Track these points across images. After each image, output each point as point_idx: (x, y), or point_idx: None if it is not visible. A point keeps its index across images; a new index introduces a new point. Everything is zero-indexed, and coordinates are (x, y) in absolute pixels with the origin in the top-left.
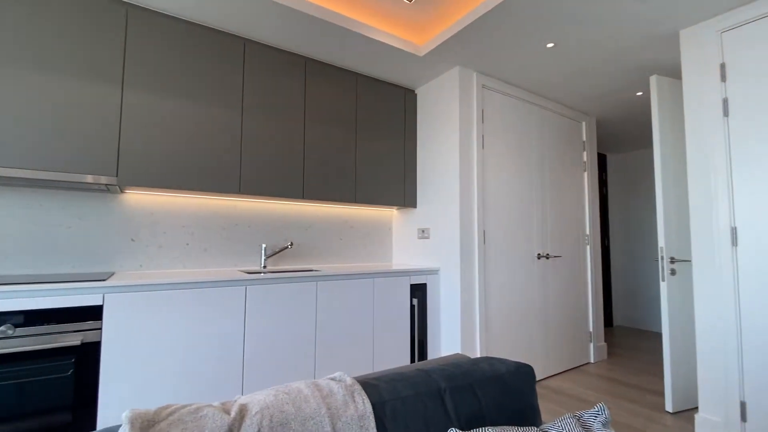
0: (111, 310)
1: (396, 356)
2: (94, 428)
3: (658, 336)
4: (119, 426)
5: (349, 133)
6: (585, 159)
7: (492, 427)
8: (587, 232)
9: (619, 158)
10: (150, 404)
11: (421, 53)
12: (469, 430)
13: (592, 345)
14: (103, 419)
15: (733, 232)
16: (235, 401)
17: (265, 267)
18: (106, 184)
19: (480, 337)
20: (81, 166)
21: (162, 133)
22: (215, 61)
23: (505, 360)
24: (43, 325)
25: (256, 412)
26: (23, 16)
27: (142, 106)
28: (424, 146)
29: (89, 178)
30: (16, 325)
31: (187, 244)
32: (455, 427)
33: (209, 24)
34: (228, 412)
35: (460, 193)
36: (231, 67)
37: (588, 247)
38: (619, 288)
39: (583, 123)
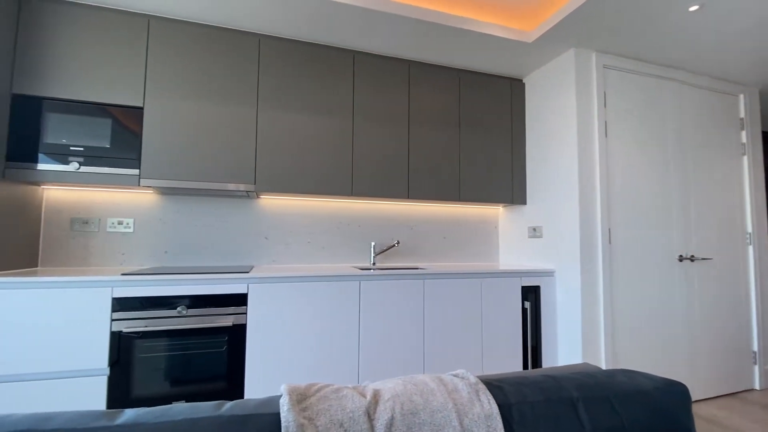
0: (253, 297)
1: (507, 360)
2: (242, 395)
3: None
4: (278, 396)
5: (452, 130)
6: (744, 140)
7: None
8: (749, 230)
9: None
10: (283, 381)
11: (531, 39)
12: None
13: (757, 368)
14: (249, 389)
15: None
16: (366, 386)
17: (374, 264)
18: (246, 191)
19: (605, 348)
20: (227, 177)
21: (287, 144)
22: (330, 75)
23: (650, 375)
24: (205, 308)
25: (388, 398)
26: (184, 59)
27: (271, 122)
28: (535, 138)
29: (231, 186)
30: (188, 307)
31: (309, 242)
32: None
33: (324, 42)
34: (363, 395)
35: (579, 187)
36: (343, 79)
37: (750, 247)
38: None
39: (741, 96)
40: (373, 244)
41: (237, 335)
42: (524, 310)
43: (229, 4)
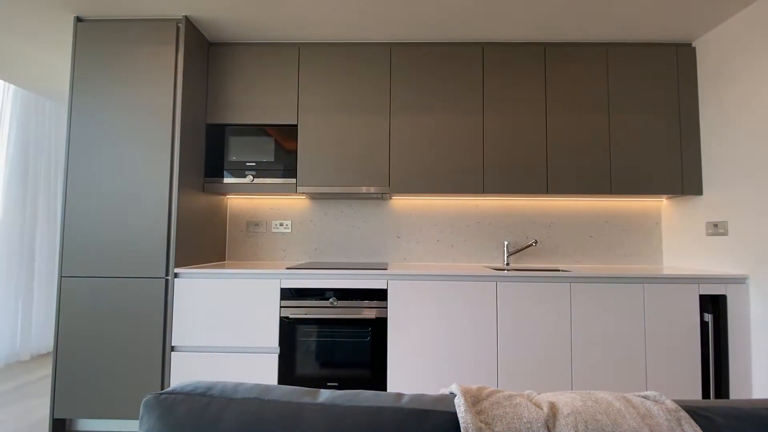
0: (393, 293)
1: (679, 384)
2: (385, 384)
3: None
4: (449, 395)
5: (599, 114)
6: None
7: None
8: None
9: None
10: (421, 376)
11: None
12: None
13: None
14: (391, 379)
15: None
16: (537, 396)
17: (508, 264)
18: (381, 193)
19: None
20: (363, 181)
21: (417, 146)
22: (458, 72)
23: None
24: (351, 300)
25: (568, 413)
26: (327, 77)
27: (402, 126)
28: (712, 115)
29: (364, 189)
30: (338, 299)
31: (438, 241)
32: None
33: (451, 39)
34: (539, 406)
35: None
36: (471, 74)
37: None
38: None
39: None
40: (506, 242)
41: (379, 328)
42: (704, 324)
43: (364, 20)
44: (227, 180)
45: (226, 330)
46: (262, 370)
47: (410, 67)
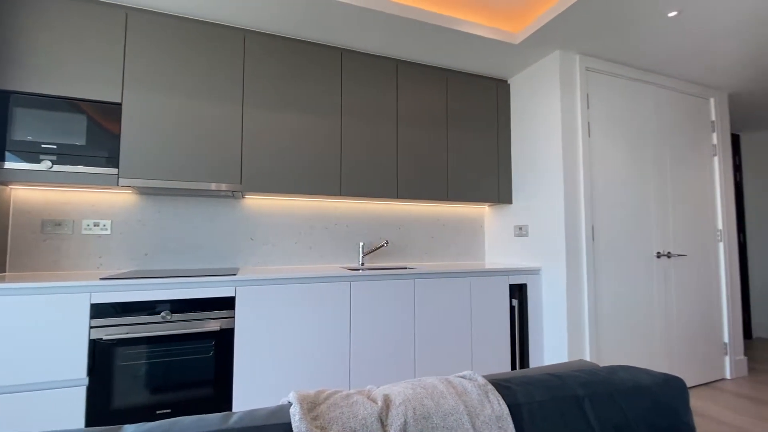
0: (242, 300)
1: (495, 359)
2: (230, 402)
3: None
4: (287, 404)
5: (440, 130)
6: (715, 141)
7: None
8: (719, 227)
9: (757, 138)
10: (273, 386)
11: (517, 41)
12: None
13: (728, 359)
14: (237, 395)
15: None
16: (374, 390)
17: (363, 264)
18: (232, 191)
19: (590, 344)
20: (210, 177)
21: (274, 143)
22: (317, 72)
23: (648, 370)
24: (191, 312)
25: (400, 403)
26: (164, 53)
27: (257, 120)
28: (520, 139)
29: (213, 186)
30: (172, 312)
31: (295, 243)
32: None
33: (312, 39)
34: (374, 401)
35: (564, 187)
36: (330, 77)
37: (721, 244)
38: (759, 293)
39: (712, 100)
40: (361, 244)
41: (225, 340)
42: (512, 308)
43: None
44: (11, 164)
45: (7, 365)
46: (61, 411)
47: (268, 60)
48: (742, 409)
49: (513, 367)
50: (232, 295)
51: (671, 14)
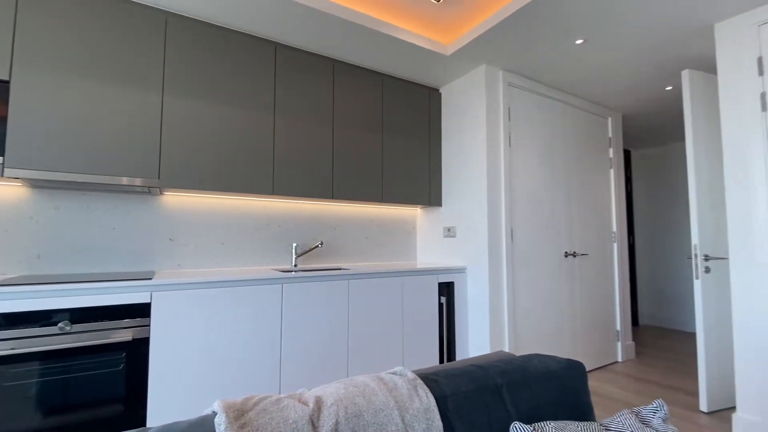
0: (158, 307)
1: (425, 354)
2: (144, 419)
3: (687, 335)
4: (213, 414)
5: (376, 133)
6: (611, 155)
7: (554, 422)
8: (614, 230)
9: (645, 154)
10: (196, 398)
11: (448, 53)
12: (530, 424)
13: (619, 344)
14: (152, 412)
15: None
16: (305, 393)
17: (296, 266)
18: (148, 187)
19: (509, 335)
20: (122, 170)
21: (199, 136)
22: (247, 64)
23: (555, 357)
24: (96, 321)
25: (331, 404)
26: (66, 27)
27: (180, 110)
28: (450, 145)
29: (125, 180)
30: (72, 322)
31: (222, 244)
32: (516, 422)
33: (242, 29)
34: (305, 404)
35: (488, 192)
36: (263, 71)
37: (615, 245)
38: (645, 286)
39: (609, 119)
40: (294, 245)
41: (138, 351)
42: (440, 306)
43: None
44: None
45: None
46: None
47: (193, 46)
48: (628, 387)
49: (441, 361)
50: (147, 301)
51: (578, 42)
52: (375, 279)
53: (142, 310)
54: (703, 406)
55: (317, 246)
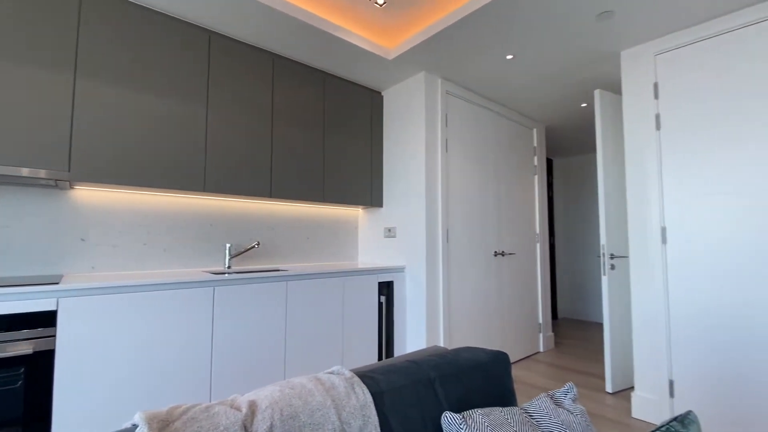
0: (66, 315)
1: (365, 353)
2: None
3: (599, 326)
4: (133, 427)
5: (317, 132)
6: (536, 163)
7: (481, 409)
8: (537, 232)
9: (564, 163)
10: (112, 414)
11: (390, 57)
12: (459, 413)
13: (541, 336)
14: (60, 431)
15: (663, 231)
16: (238, 398)
17: (229, 267)
18: (55, 180)
19: (444, 331)
20: (25, 160)
21: (119, 125)
22: (178, 53)
23: (484, 349)
24: None
25: (266, 407)
26: None
27: (98, 95)
28: (391, 147)
29: (25, 171)
30: None
31: (145, 244)
32: (447, 411)
33: (171, 13)
34: (238, 409)
35: (426, 194)
36: (195, 60)
37: (538, 245)
38: (563, 283)
39: (534, 130)
40: (228, 245)
41: (40, 365)
42: (380, 305)
43: None
44: None
45: None
46: None
47: (112, 25)
48: (548, 374)
49: (380, 359)
50: (53, 308)
51: (509, 57)
52: (315, 280)
53: (46, 319)
54: (609, 388)
55: (253, 246)
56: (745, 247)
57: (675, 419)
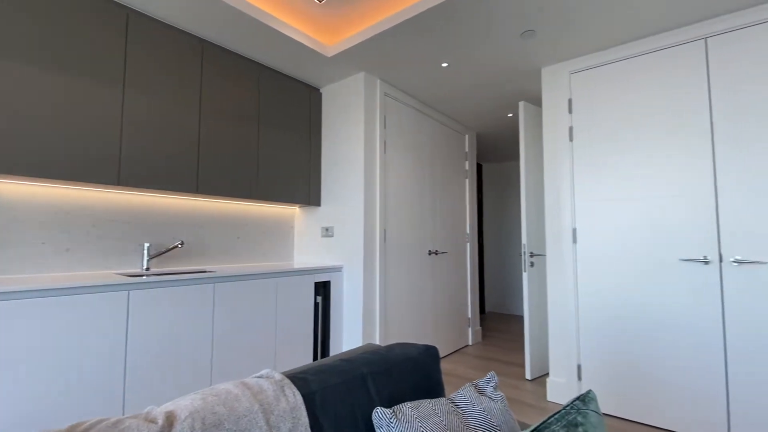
0: None
1: (300, 354)
2: None
3: (522, 318)
4: None
5: (251, 126)
6: (467, 167)
7: (411, 402)
8: (468, 232)
9: (492, 168)
10: None
11: (329, 54)
12: (390, 408)
13: (470, 329)
14: None
15: (574, 232)
16: (153, 410)
17: (148, 269)
18: None
19: (380, 329)
20: None
21: (11, 105)
22: (91, 27)
23: (415, 344)
24: None
25: (185, 417)
26: None
27: None
28: (329, 146)
29: None
30: None
31: (43, 243)
32: (378, 407)
33: None
34: (153, 421)
35: (365, 194)
36: (112, 38)
37: (468, 244)
38: (491, 279)
39: (466, 136)
40: (147, 245)
41: None
42: (317, 305)
43: None
44: None
45: None
46: None
47: None
48: (475, 365)
49: (315, 359)
50: None
51: (444, 65)
52: (246, 281)
53: None
54: (528, 375)
55: (176, 246)
56: (638, 246)
57: (577, 398)
